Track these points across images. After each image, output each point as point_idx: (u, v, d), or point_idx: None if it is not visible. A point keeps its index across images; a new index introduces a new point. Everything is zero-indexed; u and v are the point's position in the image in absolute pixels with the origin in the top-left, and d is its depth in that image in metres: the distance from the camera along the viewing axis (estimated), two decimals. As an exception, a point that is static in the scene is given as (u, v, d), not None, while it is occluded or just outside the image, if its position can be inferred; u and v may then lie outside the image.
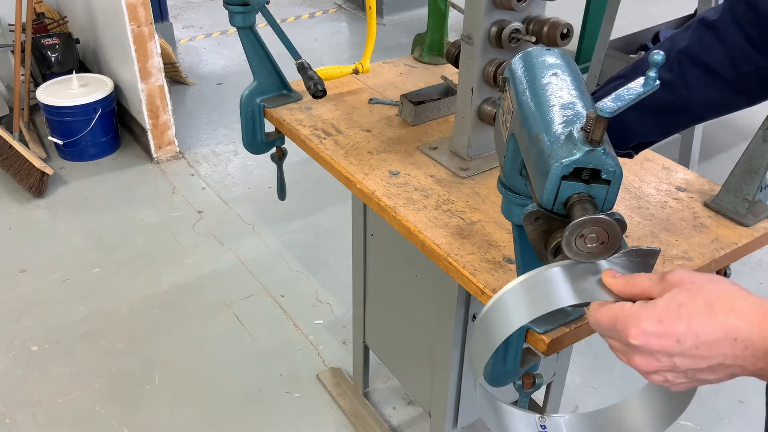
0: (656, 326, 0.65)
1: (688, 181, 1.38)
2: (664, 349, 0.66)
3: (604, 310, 0.70)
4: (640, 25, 3.83)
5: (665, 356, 0.66)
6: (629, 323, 0.67)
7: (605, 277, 0.72)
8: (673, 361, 0.66)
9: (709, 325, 0.64)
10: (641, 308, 0.67)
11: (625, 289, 0.71)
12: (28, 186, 3.12)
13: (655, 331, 0.65)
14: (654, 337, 0.66)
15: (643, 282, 0.70)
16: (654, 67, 0.68)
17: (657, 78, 0.69)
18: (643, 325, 0.66)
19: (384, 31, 5.03)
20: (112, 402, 2.21)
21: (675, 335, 0.65)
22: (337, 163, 1.42)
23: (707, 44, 1.05)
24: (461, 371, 1.62)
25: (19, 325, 2.48)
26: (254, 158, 3.42)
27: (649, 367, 0.68)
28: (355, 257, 1.88)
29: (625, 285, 0.71)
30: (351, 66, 1.71)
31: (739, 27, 1.01)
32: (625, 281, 0.71)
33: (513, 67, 0.95)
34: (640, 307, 0.67)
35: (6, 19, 3.69)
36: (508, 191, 0.98)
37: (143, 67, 3.20)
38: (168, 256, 2.83)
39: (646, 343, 0.66)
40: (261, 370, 2.33)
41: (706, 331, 0.64)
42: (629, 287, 0.71)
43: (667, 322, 0.65)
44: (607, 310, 0.70)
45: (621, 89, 0.70)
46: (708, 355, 0.65)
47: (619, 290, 0.71)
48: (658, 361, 0.67)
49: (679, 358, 0.66)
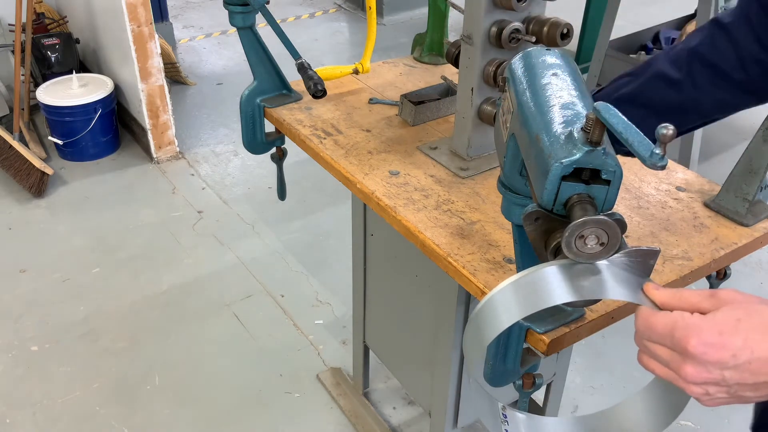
0: (716, 338, 0.66)
1: (688, 181, 1.38)
2: (720, 360, 0.66)
3: (660, 316, 0.70)
4: (640, 25, 3.83)
5: (717, 368, 0.67)
6: (691, 332, 0.67)
7: (648, 289, 0.73)
8: (723, 374, 0.67)
9: (764, 342, 0.66)
10: (702, 319, 0.68)
11: (671, 302, 0.71)
12: (28, 186, 3.12)
13: (714, 342, 0.66)
14: (712, 348, 0.66)
15: (691, 297, 0.71)
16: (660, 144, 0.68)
17: (661, 155, 0.68)
18: (705, 336, 0.67)
19: (384, 31, 5.03)
20: (112, 402, 2.21)
21: (732, 348, 0.66)
22: (337, 163, 1.42)
23: (719, 45, 1.05)
24: (461, 371, 1.62)
25: (19, 325, 2.48)
26: (254, 158, 3.42)
27: (698, 378, 0.68)
28: (355, 257, 1.88)
29: (672, 297, 0.71)
30: (351, 66, 1.71)
31: (751, 28, 1.01)
32: (672, 294, 0.71)
33: (513, 67, 0.95)
34: (700, 318, 0.68)
35: (6, 19, 3.69)
36: (508, 191, 0.98)
37: (143, 67, 3.20)
38: (168, 256, 2.83)
39: (703, 353, 0.67)
40: (261, 370, 2.33)
41: (762, 348, 0.66)
42: (676, 300, 0.71)
43: (726, 335, 0.66)
44: (664, 316, 0.70)
45: (627, 126, 0.70)
46: (758, 372, 0.66)
47: (663, 302, 0.72)
48: (709, 372, 0.67)
49: (729, 372, 0.67)
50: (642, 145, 0.68)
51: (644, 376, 0.78)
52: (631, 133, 0.69)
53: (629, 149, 0.69)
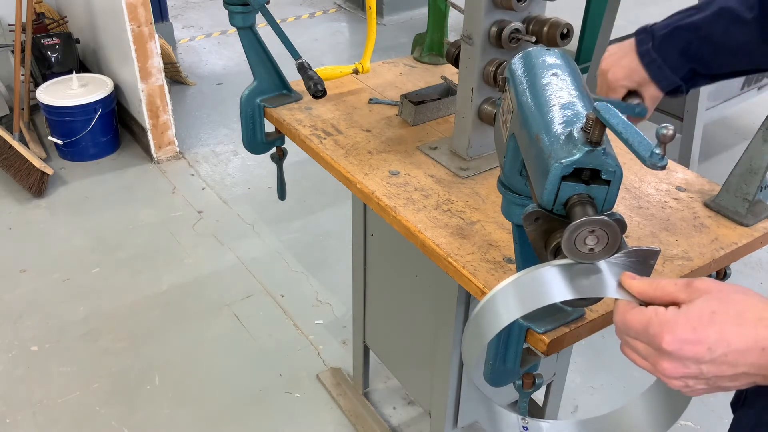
0: (690, 333, 0.66)
1: (688, 181, 1.38)
2: (696, 356, 0.66)
3: (635, 312, 0.70)
4: (640, 25, 3.82)
5: (694, 363, 0.67)
6: (664, 329, 0.67)
7: (625, 279, 0.72)
8: (700, 368, 0.67)
9: (739, 334, 0.65)
10: (676, 315, 0.67)
11: (648, 291, 0.71)
12: (28, 186, 3.12)
13: (688, 338, 0.66)
14: (687, 344, 0.66)
15: (667, 286, 0.70)
16: (660, 144, 0.68)
17: (661, 155, 0.68)
18: (678, 332, 0.66)
19: (384, 31, 5.03)
20: (112, 402, 2.21)
21: (707, 342, 0.65)
22: (337, 163, 1.42)
23: None
24: (461, 371, 1.62)
25: (19, 325, 2.48)
26: (254, 158, 3.42)
27: (675, 373, 0.68)
28: (355, 257, 1.88)
29: (648, 287, 0.71)
30: (351, 66, 1.71)
31: None
32: (648, 284, 0.71)
33: (513, 67, 0.95)
34: (674, 314, 0.67)
35: (6, 19, 3.69)
36: (508, 191, 0.98)
37: (143, 67, 3.20)
38: (168, 256, 2.83)
39: (678, 350, 0.66)
40: (261, 370, 2.33)
41: (737, 340, 0.65)
42: (652, 290, 0.70)
43: (700, 330, 0.66)
44: (638, 312, 0.70)
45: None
46: (735, 364, 0.66)
47: (640, 292, 0.71)
48: (686, 367, 0.67)
49: (706, 365, 0.66)
50: (642, 145, 0.68)
51: (644, 376, 0.78)
52: (631, 134, 0.69)
53: (629, 149, 0.69)
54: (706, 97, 3.02)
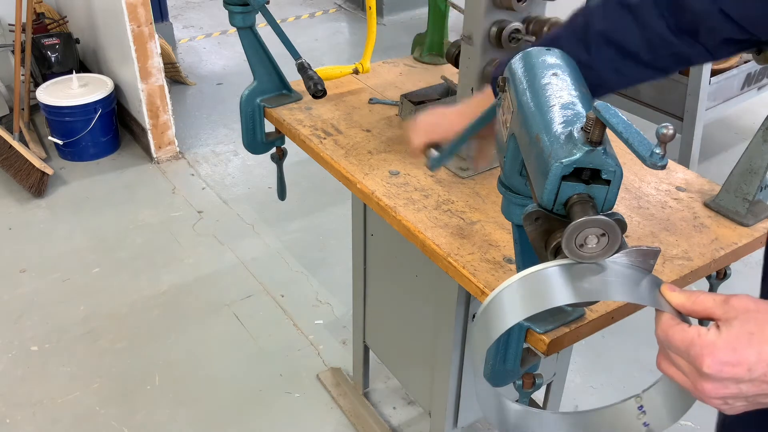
0: (730, 355, 0.67)
1: (688, 181, 1.38)
2: (735, 376, 0.67)
3: (678, 330, 0.70)
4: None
5: (734, 383, 0.68)
6: (705, 352, 0.68)
7: (665, 290, 0.73)
8: (739, 388, 0.68)
9: None
10: (717, 337, 0.68)
11: (686, 305, 0.71)
12: (28, 186, 3.12)
13: (729, 360, 0.67)
14: (727, 366, 0.67)
15: (705, 301, 0.71)
16: (660, 144, 0.68)
17: (661, 155, 0.68)
18: (719, 354, 0.67)
19: (384, 31, 5.03)
20: (112, 402, 2.21)
21: (747, 363, 0.67)
22: (337, 163, 1.42)
23: (625, 27, 1.03)
24: (461, 371, 1.62)
25: (19, 325, 2.48)
26: (254, 158, 3.42)
27: (715, 394, 0.69)
28: (355, 257, 1.88)
29: (686, 300, 0.71)
30: (351, 66, 1.71)
31: (659, 12, 1.00)
32: (686, 297, 0.72)
33: (513, 67, 0.95)
34: (716, 336, 0.68)
35: (6, 19, 3.69)
36: (508, 191, 0.98)
37: (143, 67, 3.20)
38: (168, 256, 2.83)
39: (719, 372, 0.67)
40: (261, 370, 2.33)
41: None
42: (690, 303, 0.71)
43: (740, 351, 0.67)
44: (681, 330, 0.70)
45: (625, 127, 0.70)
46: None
47: (679, 304, 0.72)
48: (726, 388, 0.68)
49: (746, 385, 0.68)
50: (642, 145, 0.68)
51: (644, 376, 0.78)
52: (632, 133, 0.69)
53: (629, 149, 0.69)
54: (706, 97, 3.02)
